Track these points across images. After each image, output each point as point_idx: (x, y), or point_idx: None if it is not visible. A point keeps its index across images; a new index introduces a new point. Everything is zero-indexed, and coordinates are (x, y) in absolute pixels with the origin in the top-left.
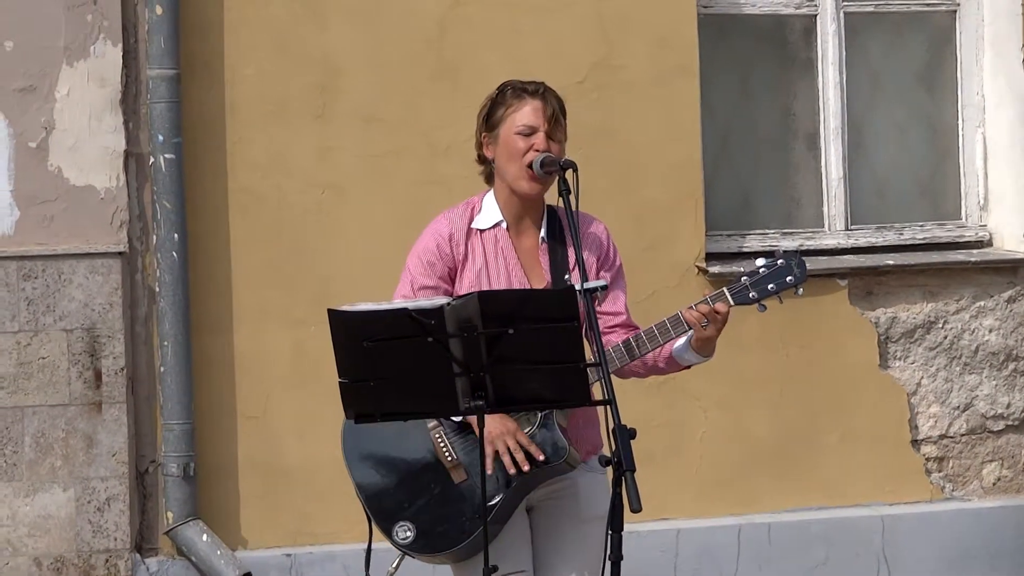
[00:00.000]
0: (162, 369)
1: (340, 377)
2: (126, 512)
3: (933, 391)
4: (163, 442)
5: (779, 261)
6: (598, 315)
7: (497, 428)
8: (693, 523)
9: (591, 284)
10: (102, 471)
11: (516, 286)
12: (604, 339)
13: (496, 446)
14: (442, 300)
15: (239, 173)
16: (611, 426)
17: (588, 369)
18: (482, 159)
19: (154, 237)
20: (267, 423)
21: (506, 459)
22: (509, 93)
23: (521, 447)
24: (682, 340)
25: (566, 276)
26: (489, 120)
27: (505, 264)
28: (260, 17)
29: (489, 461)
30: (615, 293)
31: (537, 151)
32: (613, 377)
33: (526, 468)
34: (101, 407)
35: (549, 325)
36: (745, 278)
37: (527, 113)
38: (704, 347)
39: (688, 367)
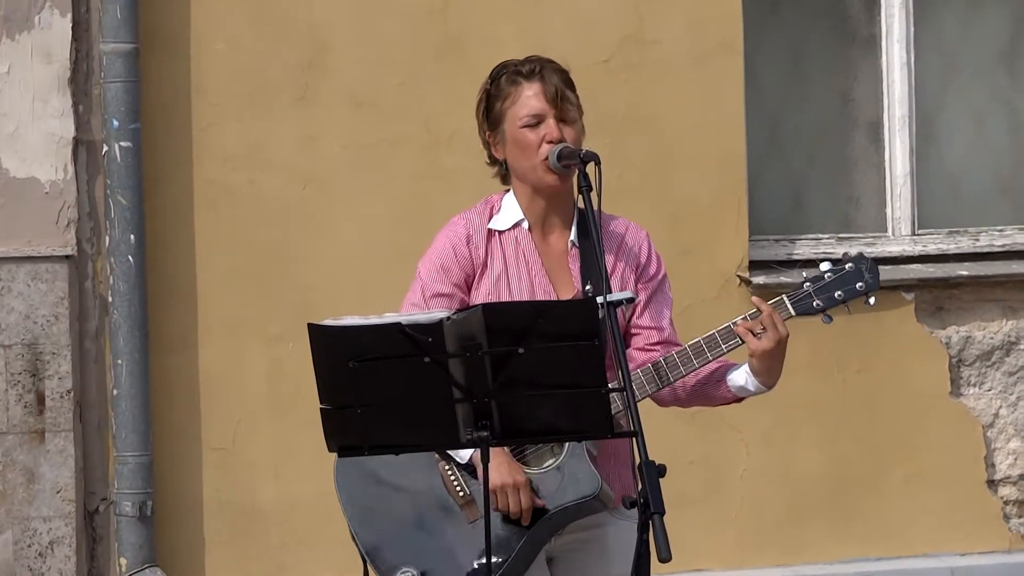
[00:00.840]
0: (115, 392)
1: (321, 403)
2: (72, 558)
3: (1013, 423)
4: (116, 477)
5: (847, 265)
6: (636, 330)
7: (501, 477)
8: (733, 575)
9: (616, 296)
10: (45, 510)
11: (540, 295)
12: (643, 357)
13: (498, 498)
14: (441, 313)
15: (207, 164)
16: (638, 462)
17: (613, 396)
18: (493, 160)
19: (107, 238)
20: (237, 455)
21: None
22: (503, 81)
23: (521, 509)
24: (740, 368)
25: (587, 287)
26: (489, 117)
27: (528, 270)
28: None
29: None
30: (658, 306)
31: (551, 142)
32: (645, 404)
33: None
34: (44, 436)
35: (565, 344)
36: (808, 284)
37: (528, 101)
38: (766, 371)
39: (740, 400)
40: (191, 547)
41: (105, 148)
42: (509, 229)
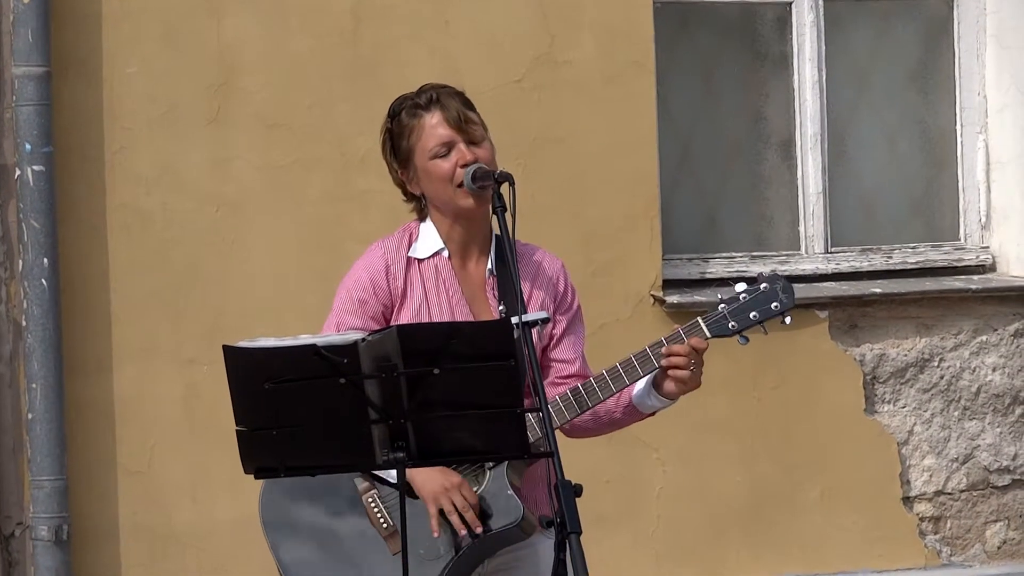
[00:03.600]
0: (30, 416)
1: (237, 425)
2: None
3: (928, 440)
4: (31, 501)
5: (762, 285)
6: (550, 363)
7: (439, 482)
8: None
9: (530, 316)
10: None
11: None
12: (553, 392)
13: (441, 503)
14: (356, 335)
15: (120, 188)
16: (553, 481)
17: (529, 419)
18: (410, 196)
19: (20, 262)
20: (153, 479)
21: (454, 519)
22: (404, 117)
23: (470, 505)
24: (642, 383)
25: (500, 307)
26: (398, 155)
27: (448, 298)
28: (145, 6)
29: (434, 522)
30: (572, 339)
31: (463, 166)
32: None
33: (479, 529)
34: None
35: (481, 364)
36: (723, 306)
37: (433, 131)
38: (677, 392)
39: (651, 414)
40: (108, 571)
41: (17, 172)
42: (429, 257)
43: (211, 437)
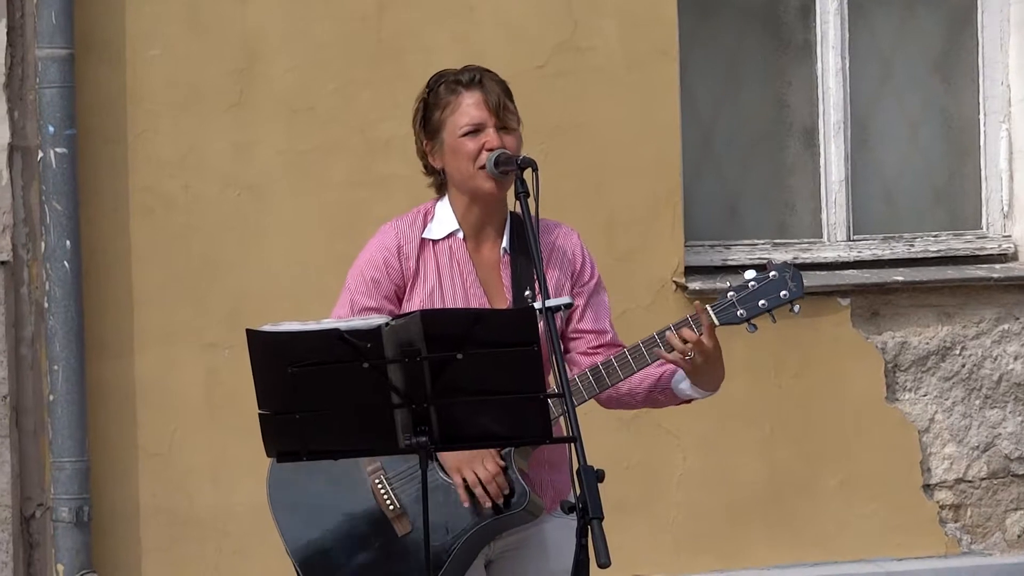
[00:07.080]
0: (52, 398)
1: (260, 408)
2: (9, 564)
3: (948, 428)
4: (53, 483)
5: (771, 274)
6: (577, 334)
7: (465, 453)
8: None
9: (554, 302)
10: None
11: (474, 305)
12: (587, 361)
13: (464, 474)
14: (380, 319)
15: (142, 171)
16: (576, 467)
17: (551, 401)
18: (430, 169)
19: (43, 244)
20: (174, 462)
21: (478, 491)
22: (442, 90)
23: (494, 477)
24: (681, 376)
25: (526, 292)
26: (427, 126)
27: (462, 281)
28: None
29: (461, 491)
30: (597, 309)
31: (490, 149)
32: (582, 408)
33: (500, 500)
34: None
35: (504, 349)
36: (732, 293)
37: (468, 110)
38: (704, 381)
39: (689, 401)
40: (128, 553)
41: (41, 154)
42: (443, 239)
43: (232, 421)
